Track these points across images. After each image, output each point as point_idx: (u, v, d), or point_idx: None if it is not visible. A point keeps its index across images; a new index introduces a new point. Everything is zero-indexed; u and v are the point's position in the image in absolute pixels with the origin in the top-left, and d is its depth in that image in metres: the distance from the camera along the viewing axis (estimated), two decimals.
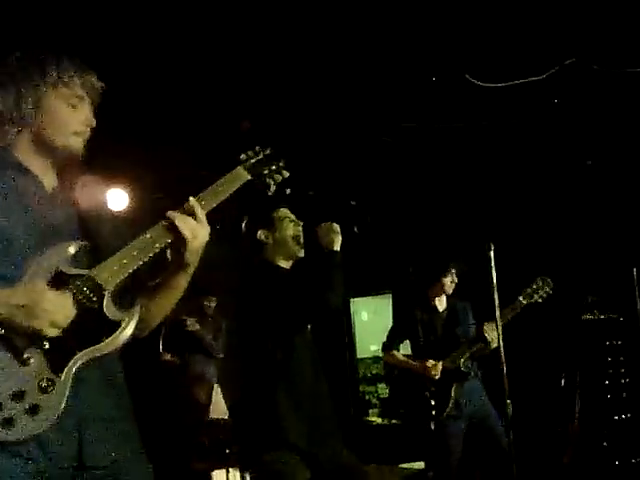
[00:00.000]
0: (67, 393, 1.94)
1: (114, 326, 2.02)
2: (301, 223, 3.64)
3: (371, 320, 9.40)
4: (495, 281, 4.27)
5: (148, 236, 2.10)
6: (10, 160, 2.15)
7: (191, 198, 2.15)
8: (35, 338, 1.93)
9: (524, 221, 6.53)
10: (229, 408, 3.99)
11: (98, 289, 2.01)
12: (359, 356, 9.32)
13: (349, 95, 5.23)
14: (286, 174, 2.40)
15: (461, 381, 5.07)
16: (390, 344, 5.39)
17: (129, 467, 2.13)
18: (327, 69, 4.88)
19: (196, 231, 2.12)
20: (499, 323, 4.33)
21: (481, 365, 5.20)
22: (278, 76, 4.95)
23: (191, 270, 2.23)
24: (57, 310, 1.93)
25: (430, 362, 5.07)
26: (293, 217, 3.65)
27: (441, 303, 5.36)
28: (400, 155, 6.07)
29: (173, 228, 2.10)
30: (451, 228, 6.52)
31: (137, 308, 2.10)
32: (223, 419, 5.79)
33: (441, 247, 6.31)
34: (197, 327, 6.81)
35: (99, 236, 2.18)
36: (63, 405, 1.92)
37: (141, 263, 2.09)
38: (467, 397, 5.09)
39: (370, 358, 9.29)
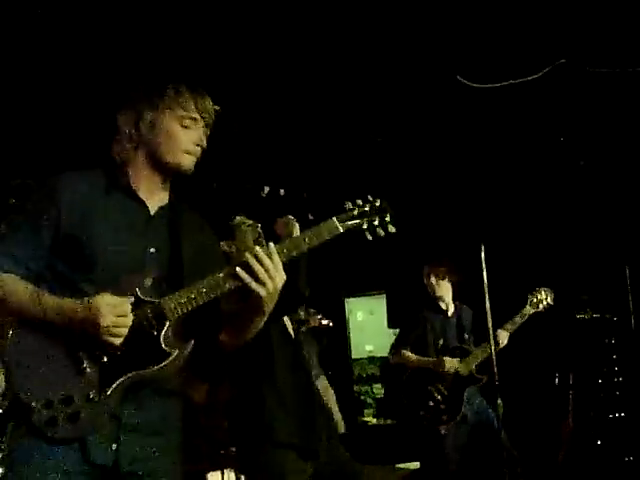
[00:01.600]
0: (109, 407, 2.09)
1: (164, 356, 2.14)
2: (258, 225, 3.64)
3: (366, 320, 9.41)
4: (486, 281, 4.28)
5: (220, 275, 2.17)
6: (121, 183, 2.30)
7: (272, 245, 2.19)
8: (94, 351, 2.09)
9: (516, 221, 6.54)
10: (223, 410, 3.98)
11: (161, 317, 2.14)
12: (354, 356, 9.33)
13: (342, 95, 5.24)
14: (392, 230, 2.32)
15: (474, 386, 5.10)
16: (399, 345, 5.36)
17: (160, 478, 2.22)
18: (320, 70, 4.89)
19: (267, 280, 2.16)
20: (490, 325, 4.35)
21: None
22: (271, 77, 4.96)
23: (263, 313, 2.27)
24: (115, 321, 2.07)
25: (447, 359, 5.09)
26: (249, 222, 3.66)
27: (449, 307, 5.36)
28: (394, 156, 6.07)
29: (246, 272, 2.16)
30: (443, 228, 6.53)
31: (190, 344, 2.20)
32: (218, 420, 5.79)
33: (434, 247, 6.32)
34: None
35: (189, 263, 2.28)
36: (103, 418, 2.08)
37: (207, 300, 2.17)
38: (470, 402, 5.10)
39: (365, 358, 9.31)
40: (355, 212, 2.28)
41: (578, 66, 4.63)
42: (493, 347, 4.42)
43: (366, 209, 2.29)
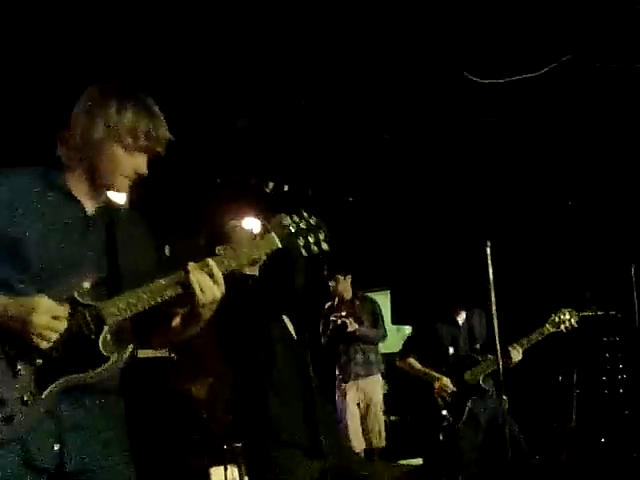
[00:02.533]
0: (44, 410, 2.06)
1: (102, 360, 2.11)
2: (250, 228, 3.64)
3: None
4: (492, 278, 4.26)
5: (162, 282, 2.18)
6: (56, 182, 2.25)
7: (210, 260, 2.20)
8: (28, 352, 2.04)
9: (522, 218, 6.53)
10: (226, 405, 4.00)
11: (99, 321, 2.11)
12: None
13: (348, 92, 5.23)
14: (326, 247, 2.36)
15: (479, 396, 5.05)
16: (407, 352, 5.35)
17: (111, 475, 2.20)
18: (326, 67, 4.88)
19: (208, 290, 2.18)
20: (495, 323, 4.32)
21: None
22: (276, 74, 4.95)
23: (201, 321, 2.30)
24: (45, 325, 2.02)
25: (448, 381, 5.04)
26: (240, 224, 3.65)
27: (461, 317, 5.34)
28: (399, 152, 6.06)
29: (186, 282, 2.17)
30: (448, 224, 6.51)
31: (129, 349, 2.18)
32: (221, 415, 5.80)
33: (437, 243, 6.31)
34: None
35: (128, 265, 2.27)
36: (39, 419, 2.05)
37: (148, 307, 2.16)
38: (482, 406, 5.07)
39: None
40: (293, 228, 2.32)
41: (584, 62, 4.62)
42: (498, 344, 4.39)
43: (302, 226, 2.33)
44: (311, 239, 2.34)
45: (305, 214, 2.35)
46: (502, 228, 5.36)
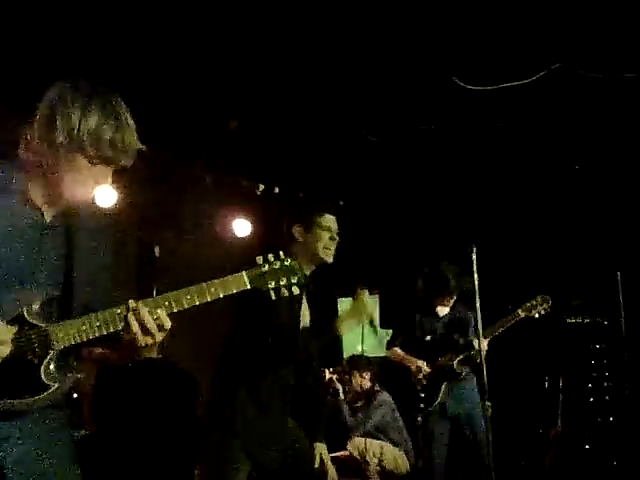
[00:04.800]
0: None
1: (42, 388, 1.99)
2: (337, 239, 3.59)
3: None
4: (477, 283, 4.29)
5: (118, 311, 2.05)
6: (17, 186, 2.09)
7: (139, 303, 2.04)
8: None
9: (509, 224, 6.56)
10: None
11: (46, 345, 1.99)
12: (345, 356, 9.33)
13: (338, 95, 5.25)
14: (296, 291, 2.23)
15: (452, 380, 5.20)
16: (392, 341, 5.60)
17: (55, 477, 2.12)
18: (318, 70, 4.90)
19: (155, 332, 2.05)
20: (479, 325, 4.37)
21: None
22: (267, 76, 4.96)
23: (135, 357, 2.14)
24: None
25: (422, 363, 5.28)
26: (335, 228, 3.62)
27: (443, 310, 5.50)
28: (387, 156, 6.09)
29: (133, 319, 2.03)
30: (437, 229, 6.54)
31: (71, 379, 2.07)
32: None
33: (425, 247, 6.34)
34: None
35: (83, 280, 2.15)
36: None
37: (98, 335, 2.03)
38: (455, 399, 5.20)
39: None
40: (265, 268, 2.20)
41: (573, 70, 4.65)
42: (483, 350, 4.45)
43: (276, 267, 2.21)
44: (282, 282, 2.20)
45: (282, 255, 2.23)
46: (489, 234, 5.40)
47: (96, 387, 5.58)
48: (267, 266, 2.20)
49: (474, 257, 4.31)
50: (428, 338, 5.39)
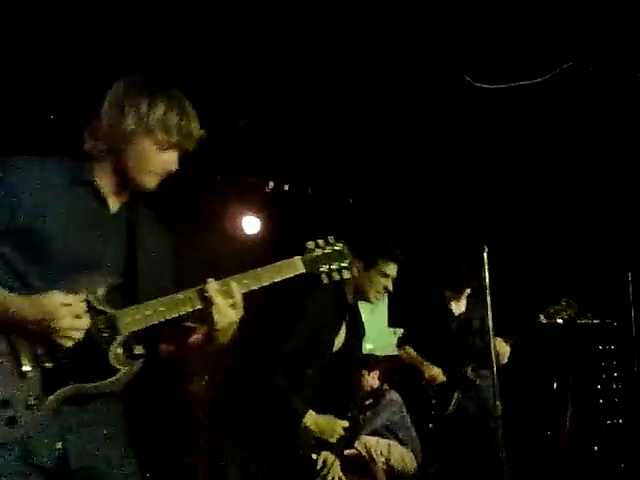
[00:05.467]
0: (47, 414, 2.00)
1: (110, 372, 2.06)
2: (391, 289, 3.58)
3: (367, 319, 9.38)
4: (488, 283, 4.28)
5: (180, 296, 2.11)
6: (82, 176, 2.17)
7: (233, 283, 2.13)
8: (39, 354, 1.99)
9: (519, 224, 6.54)
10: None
11: (113, 331, 2.06)
12: None
13: (348, 93, 5.24)
14: (347, 275, 2.30)
15: (466, 388, 5.10)
16: (404, 339, 5.44)
17: (115, 471, 2.17)
18: (327, 67, 4.90)
19: (226, 313, 2.11)
20: (490, 323, 4.33)
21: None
22: (278, 73, 4.97)
23: (214, 344, 2.20)
24: (69, 326, 1.96)
25: (437, 370, 5.11)
26: (394, 277, 3.59)
27: (458, 307, 5.36)
28: (398, 154, 6.08)
29: (205, 300, 2.10)
30: (445, 228, 6.52)
31: (139, 363, 2.12)
32: None
33: (436, 245, 6.32)
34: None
35: (147, 270, 2.21)
36: (43, 422, 1.99)
37: (163, 320, 2.09)
38: (471, 400, 5.12)
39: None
40: (317, 252, 2.26)
41: (585, 69, 4.63)
42: (494, 351, 4.39)
43: (327, 251, 2.27)
44: (334, 266, 2.27)
45: (331, 240, 2.29)
46: (499, 233, 5.38)
47: None
48: (319, 250, 2.26)
49: (485, 256, 4.30)
50: (443, 338, 5.22)
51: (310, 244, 2.26)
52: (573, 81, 4.76)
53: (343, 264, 2.29)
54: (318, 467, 3.50)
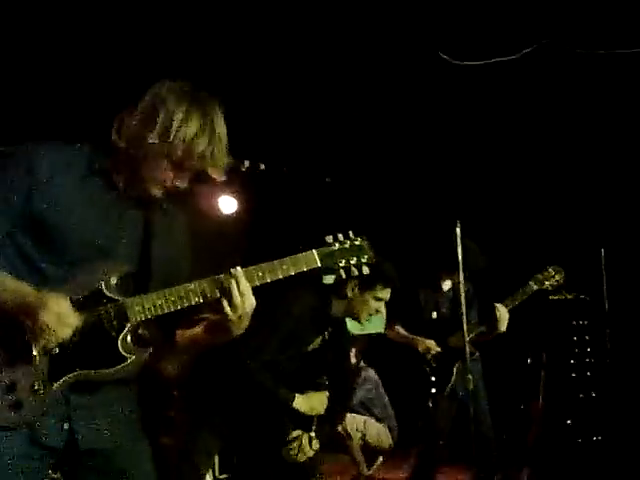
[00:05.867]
0: (53, 398, 2.02)
1: (119, 360, 2.06)
2: (382, 312, 3.65)
3: None
4: (461, 258, 4.30)
5: (192, 287, 2.11)
6: (103, 166, 2.16)
7: (238, 270, 2.11)
8: (45, 340, 1.99)
9: (492, 200, 6.56)
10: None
11: (122, 318, 2.06)
12: None
13: (322, 72, 5.20)
14: (366, 271, 2.24)
15: (465, 361, 5.07)
16: (391, 320, 5.29)
17: (126, 453, 2.19)
18: (301, 46, 4.85)
19: (238, 305, 2.10)
20: (463, 299, 4.35)
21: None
22: (253, 54, 4.91)
23: (226, 335, 2.20)
24: (50, 326, 1.96)
25: (432, 342, 5.04)
26: (387, 299, 3.62)
27: (446, 284, 5.32)
28: (374, 132, 6.05)
29: (221, 291, 2.10)
30: (419, 205, 6.52)
31: (147, 351, 2.12)
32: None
33: (411, 222, 6.31)
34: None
35: (160, 260, 2.21)
36: (47, 406, 2.01)
37: (173, 309, 2.10)
38: (463, 378, 5.08)
39: None
40: (335, 247, 2.21)
41: (561, 46, 4.62)
42: (465, 326, 4.40)
43: (346, 246, 2.22)
44: (352, 261, 2.22)
45: (351, 235, 2.24)
46: (473, 209, 5.38)
47: None
48: (337, 245, 2.22)
49: (458, 232, 4.31)
50: (434, 315, 5.16)
51: (328, 238, 2.22)
52: (550, 58, 4.76)
53: (363, 259, 2.24)
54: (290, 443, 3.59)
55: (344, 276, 2.23)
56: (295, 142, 5.97)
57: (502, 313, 4.83)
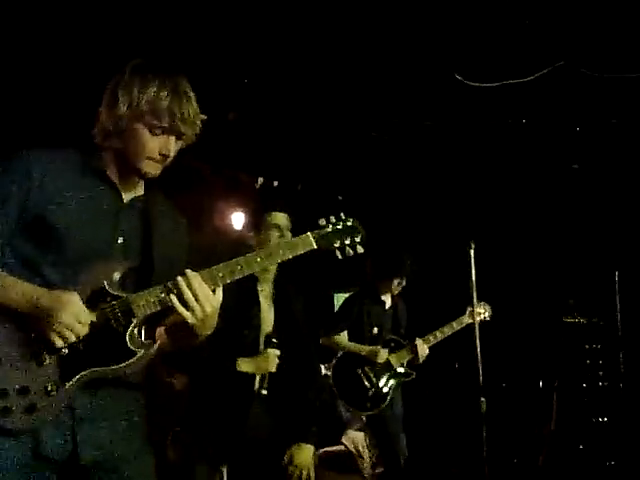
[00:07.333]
0: (66, 401, 2.02)
1: (128, 355, 2.07)
2: (289, 235, 3.52)
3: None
4: (474, 279, 4.29)
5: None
6: (95, 166, 2.19)
7: (187, 273, 2.09)
8: (53, 342, 2.00)
9: (507, 222, 6.55)
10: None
11: (129, 314, 2.07)
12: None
13: (338, 90, 5.23)
14: (360, 250, 2.30)
15: (401, 380, 5.09)
16: (333, 329, 5.19)
17: (130, 467, 2.17)
18: (317, 65, 4.88)
19: (195, 306, 2.09)
20: (476, 320, 4.35)
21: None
22: (267, 69, 4.94)
23: (196, 336, 2.19)
24: (68, 325, 1.98)
25: (382, 350, 5.01)
26: (285, 225, 3.56)
27: (387, 299, 5.28)
28: (387, 151, 6.07)
29: (176, 296, 2.09)
30: (434, 225, 6.52)
31: (156, 345, 2.13)
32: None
33: (423, 242, 6.30)
34: None
35: (160, 256, 2.22)
36: (59, 411, 2.01)
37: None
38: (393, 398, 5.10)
39: None
40: (329, 229, 2.27)
41: (576, 69, 4.63)
42: (478, 344, 4.41)
43: (339, 227, 2.28)
44: (347, 241, 2.28)
45: (343, 215, 2.30)
46: (487, 231, 5.38)
47: None
48: (331, 226, 2.28)
49: (472, 253, 4.30)
50: (375, 331, 5.13)
51: (322, 221, 2.28)
52: (564, 80, 4.77)
53: (356, 239, 2.30)
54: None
55: (340, 257, 2.27)
56: (309, 160, 5.99)
57: (422, 350, 4.95)
